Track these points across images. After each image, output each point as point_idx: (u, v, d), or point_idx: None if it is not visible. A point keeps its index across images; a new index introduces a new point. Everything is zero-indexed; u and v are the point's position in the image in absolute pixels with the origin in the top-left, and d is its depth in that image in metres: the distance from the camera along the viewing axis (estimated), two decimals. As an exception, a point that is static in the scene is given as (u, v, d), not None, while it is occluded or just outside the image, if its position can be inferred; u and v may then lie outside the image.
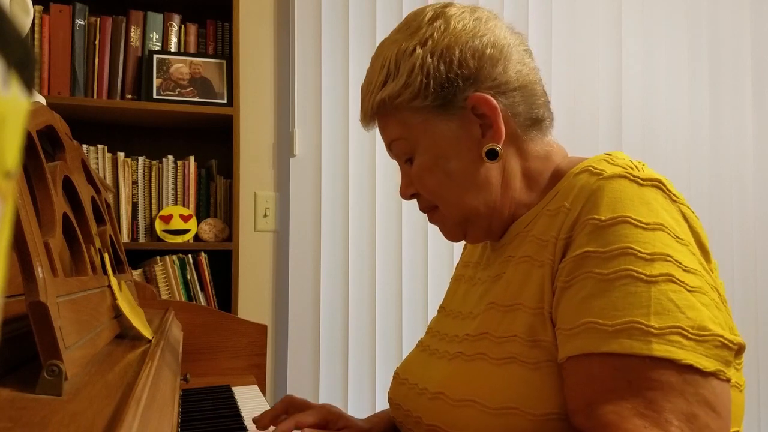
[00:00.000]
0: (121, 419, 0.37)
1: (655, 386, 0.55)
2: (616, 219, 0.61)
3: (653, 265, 0.58)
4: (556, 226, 0.66)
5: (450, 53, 0.71)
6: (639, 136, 2.31)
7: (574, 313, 0.61)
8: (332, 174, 2.09)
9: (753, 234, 2.39)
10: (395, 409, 0.82)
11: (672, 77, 2.35)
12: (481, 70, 0.71)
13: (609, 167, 0.66)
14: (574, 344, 0.60)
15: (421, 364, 0.81)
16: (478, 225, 0.76)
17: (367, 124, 0.79)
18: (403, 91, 0.72)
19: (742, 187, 2.39)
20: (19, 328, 0.49)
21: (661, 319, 0.56)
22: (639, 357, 0.56)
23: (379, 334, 2.10)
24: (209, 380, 1.42)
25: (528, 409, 0.62)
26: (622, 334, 0.56)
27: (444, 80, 0.71)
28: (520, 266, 0.70)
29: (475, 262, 0.85)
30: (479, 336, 0.70)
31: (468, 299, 0.80)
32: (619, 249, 0.59)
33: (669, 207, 0.63)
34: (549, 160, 0.76)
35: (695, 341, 0.56)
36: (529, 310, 0.66)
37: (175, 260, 1.87)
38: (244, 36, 2.05)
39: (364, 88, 0.78)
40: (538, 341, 0.64)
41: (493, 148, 0.72)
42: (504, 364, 0.65)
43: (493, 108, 0.71)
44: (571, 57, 2.27)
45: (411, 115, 0.73)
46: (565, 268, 0.63)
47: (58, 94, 1.80)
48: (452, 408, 0.67)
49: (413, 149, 0.74)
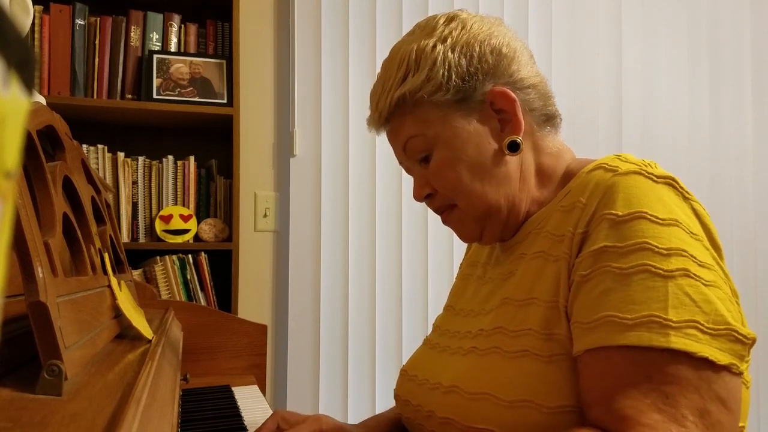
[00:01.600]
0: (121, 419, 0.37)
1: (673, 381, 0.56)
2: (633, 214, 0.62)
3: (670, 260, 0.59)
4: (572, 221, 0.67)
5: (470, 48, 0.73)
6: (639, 136, 2.31)
7: (592, 306, 0.61)
8: (332, 174, 2.09)
9: (753, 234, 2.39)
10: (403, 406, 0.82)
11: (672, 77, 2.35)
12: (499, 66, 0.73)
13: (623, 164, 0.67)
14: (593, 337, 0.60)
15: (431, 361, 0.80)
16: (497, 220, 0.76)
17: (380, 127, 0.79)
18: (425, 84, 0.73)
19: (742, 187, 2.39)
20: (19, 328, 0.49)
21: (678, 312, 0.57)
22: (657, 350, 0.57)
23: (379, 334, 2.10)
24: (209, 380, 1.42)
25: (542, 401, 0.63)
26: (641, 327, 0.57)
27: (465, 73, 0.72)
28: (533, 262, 0.71)
29: (484, 262, 0.86)
30: (493, 330, 0.71)
31: (478, 297, 0.81)
32: (636, 244, 0.60)
33: (681, 204, 0.64)
34: (561, 158, 0.77)
35: (710, 335, 0.57)
36: (543, 304, 0.67)
37: (175, 260, 1.87)
38: (244, 36, 2.05)
39: (378, 90, 0.78)
40: (552, 335, 0.65)
41: (515, 140, 0.73)
42: (518, 357, 0.66)
43: (512, 100, 0.73)
44: (571, 57, 2.27)
45: (431, 110, 0.73)
46: (582, 262, 0.64)
47: (58, 94, 1.80)
48: (467, 401, 0.67)
49: (432, 146, 0.75)
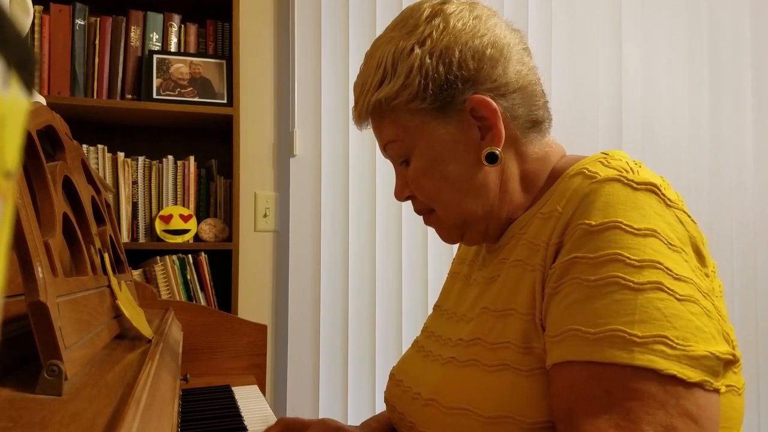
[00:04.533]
0: (121, 419, 0.37)
1: (635, 396, 0.53)
2: (606, 224, 0.59)
3: (642, 272, 0.56)
4: (548, 230, 0.65)
5: (449, 54, 0.68)
6: (639, 136, 2.31)
7: (560, 319, 0.59)
8: (332, 174, 2.09)
9: (753, 234, 2.38)
10: (391, 411, 0.81)
11: (672, 77, 2.35)
12: (481, 71, 0.69)
13: (603, 170, 0.64)
14: (558, 351, 0.59)
15: (415, 366, 0.79)
16: (476, 228, 0.74)
17: (360, 124, 0.77)
18: (400, 92, 0.69)
19: (742, 187, 2.39)
20: (19, 328, 0.49)
21: (645, 327, 0.54)
22: (620, 366, 0.54)
23: (379, 334, 2.10)
24: (209, 380, 1.42)
25: (522, 417, 0.61)
26: (603, 342, 0.55)
27: (443, 82, 0.68)
28: (513, 270, 0.69)
29: (471, 260, 0.84)
30: (472, 341, 0.69)
31: (462, 300, 0.79)
32: (607, 255, 0.58)
33: (663, 212, 0.61)
34: (546, 161, 0.74)
35: (680, 350, 0.54)
36: (522, 317, 0.65)
37: (175, 260, 1.87)
38: (244, 36, 2.05)
39: (358, 87, 0.75)
40: (531, 348, 0.63)
41: (493, 151, 0.70)
42: (497, 371, 0.64)
43: (493, 110, 0.69)
44: (571, 57, 2.27)
45: (408, 117, 0.71)
46: (554, 273, 0.62)
47: (58, 94, 1.80)
48: (445, 415, 0.66)
49: (409, 152, 0.73)
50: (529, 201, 0.74)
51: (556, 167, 0.73)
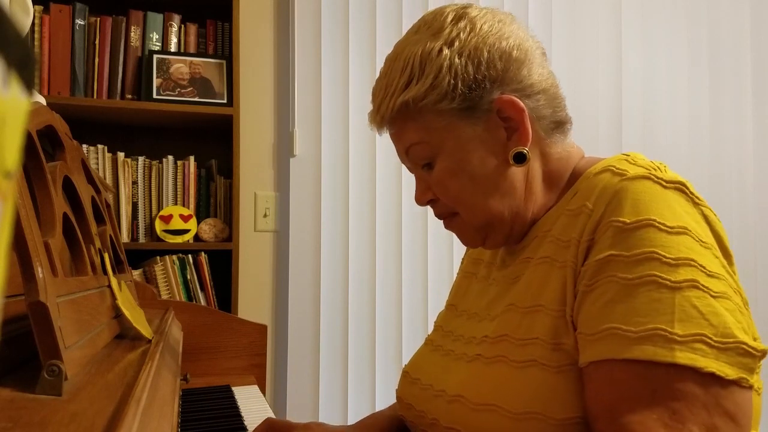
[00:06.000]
0: (121, 419, 0.37)
1: (679, 396, 0.55)
2: (640, 222, 0.60)
3: (678, 270, 0.57)
4: (578, 227, 0.65)
5: (478, 54, 0.69)
6: (639, 136, 2.31)
7: (597, 317, 0.60)
8: (332, 174, 2.09)
9: (753, 234, 2.38)
10: (406, 409, 0.80)
11: (672, 77, 2.35)
12: (508, 72, 0.69)
13: (631, 167, 0.65)
14: (597, 349, 0.59)
15: (434, 365, 0.79)
16: (501, 230, 0.74)
17: (381, 128, 0.76)
18: (429, 92, 0.69)
19: (742, 187, 2.39)
20: (19, 328, 0.49)
21: (684, 326, 0.55)
22: (662, 364, 0.55)
23: (379, 334, 2.10)
24: (209, 380, 1.42)
25: (550, 413, 0.61)
26: (645, 340, 0.56)
27: (472, 81, 0.69)
28: (539, 267, 0.69)
29: (488, 261, 0.83)
30: (499, 338, 0.68)
31: (483, 299, 0.78)
32: (643, 253, 0.59)
33: (691, 210, 0.62)
34: (568, 161, 0.75)
35: (718, 349, 0.55)
36: (551, 312, 0.65)
37: (175, 260, 1.87)
38: (244, 36, 2.05)
39: (381, 91, 0.74)
40: (560, 344, 0.63)
41: (521, 151, 0.70)
42: (525, 367, 0.64)
43: (521, 110, 0.69)
44: (571, 57, 2.27)
45: (434, 118, 0.70)
46: (587, 271, 0.62)
47: (58, 94, 1.80)
48: (473, 412, 0.66)
49: (435, 154, 0.72)
50: (552, 201, 0.74)
51: (578, 167, 0.74)
